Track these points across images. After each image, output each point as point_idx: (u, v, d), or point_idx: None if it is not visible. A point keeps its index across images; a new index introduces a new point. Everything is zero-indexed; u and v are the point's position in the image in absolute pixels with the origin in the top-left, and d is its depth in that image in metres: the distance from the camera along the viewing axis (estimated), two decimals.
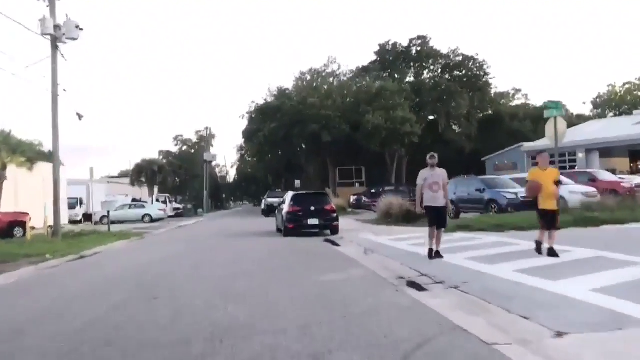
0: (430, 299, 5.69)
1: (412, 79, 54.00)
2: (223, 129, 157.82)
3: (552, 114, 14.99)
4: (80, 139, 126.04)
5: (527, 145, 45.30)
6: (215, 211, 62.26)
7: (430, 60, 55.06)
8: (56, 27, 18.93)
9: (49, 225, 20.07)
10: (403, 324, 4.53)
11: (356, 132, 41.92)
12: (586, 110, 63.61)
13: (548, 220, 8.42)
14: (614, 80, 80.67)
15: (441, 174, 9.54)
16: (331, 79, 51.24)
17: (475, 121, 54.44)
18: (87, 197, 38.12)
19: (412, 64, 55.41)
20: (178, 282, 7.42)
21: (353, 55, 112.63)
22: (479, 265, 7.79)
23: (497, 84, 55.68)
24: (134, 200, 43.51)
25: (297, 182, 49.36)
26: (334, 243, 13.62)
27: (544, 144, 44.20)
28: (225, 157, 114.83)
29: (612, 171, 29.73)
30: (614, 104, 62.10)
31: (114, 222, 34.21)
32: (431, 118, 53.19)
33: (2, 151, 21.35)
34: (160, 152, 72.04)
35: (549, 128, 15.28)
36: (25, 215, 20.52)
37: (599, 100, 63.69)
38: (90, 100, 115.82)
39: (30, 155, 27.89)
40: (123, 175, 66.74)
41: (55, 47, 19.36)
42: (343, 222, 17.38)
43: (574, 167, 36.05)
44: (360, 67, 53.67)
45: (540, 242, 8.58)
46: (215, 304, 5.73)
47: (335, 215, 16.44)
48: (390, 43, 55.18)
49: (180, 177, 71.00)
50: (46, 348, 4.26)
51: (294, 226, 16.28)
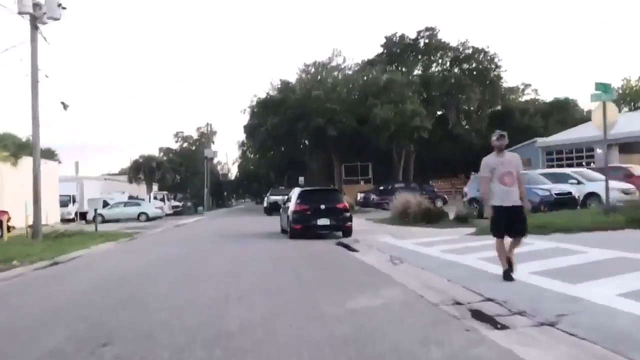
0: (525, 347, 3.71)
1: (420, 72, 51.94)
2: (224, 126, 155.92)
3: (601, 98, 12.95)
4: (82, 137, 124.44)
5: (542, 140, 43.37)
6: (217, 209, 60.32)
7: (439, 53, 53.01)
8: (35, 6, 17.11)
9: (29, 225, 18.17)
10: None
11: (363, 127, 39.87)
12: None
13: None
14: (629, 74, 78.11)
15: (513, 160, 6.73)
16: (336, 72, 49.26)
17: (486, 116, 52.42)
18: (80, 195, 36.33)
19: (420, 56, 53.43)
20: (148, 312, 5.40)
21: (358, 48, 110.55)
22: (560, 285, 5.79)
23: (506, 79, 53.38)
24: (130, 197, 41.66)
25: (301, 179, 47.36)
26: (349, 247, 11.65)
27: (560, 138, 42.64)
28: (227, 154, 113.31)
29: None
30: (629, 98, 59.85)
31: (109, 221, 32.54)
32: (439, 113, 51.20)
33: None
34: (160, 149, 70.31)
35: (597, 115, 13.24)
36: (3, 213, 18.59)
37: None
38: (91, 98, 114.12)
39: (14, 148, 26.06)
40: (123, 172, 65.04)
41: (35, 28, 17.45)
42: (354, 222, 15.34)
43: (590, 164, 34.16)
44: (366, 61, 51.64)
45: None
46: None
47: (348, 214, 14.46)
48: (397, 35, 53.16)
49: (181, 175, 69.42)
50: None
51: (301, 227, 14.32)
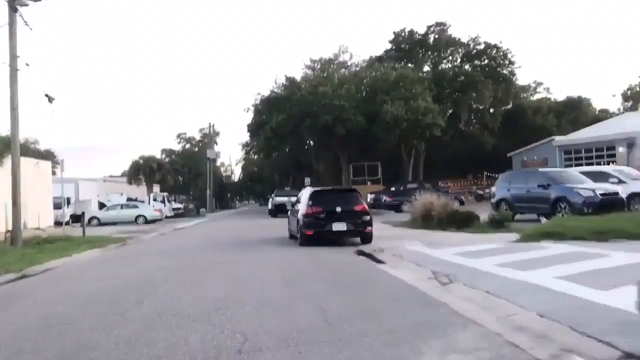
0: None
1: (429, 69, 49.89)
2: (228, 127, 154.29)
3: None
4: (87, 140, 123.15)
5: (560, 139, 41.41)
6: (220, 211, 58.34)
7: (450, 49, 50.99)
8: None
9: (7, 230, 16.35)
10: None
11: (372, 125, 37.82)
12: (611, 104, 59.31)
13: None
14: None
15: None
16: (343, 69, 47.31)
17: (499, 114, 50.33)
18: (75, 197, 34.50)
19: (430, 53, 51.45)
20: None
21: (365, 45, 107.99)
22: None
23: (518, 77, 51.24)
24: (129, 199, 39.85)
25: (307, 180, 45.35)
26: (373, 258, 9.68)
27: (579, 137, 40.53)
28: (230, 156, 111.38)
29: None
30: None
31: (105, 224, 30.76)
32: (449, 111, 49.14)
33: None
34: (162, 151, 68.63)
35: None
36: None
37: (630, 92, 59.25)
38: (95, 101, 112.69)
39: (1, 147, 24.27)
40: (125, 174, 63.49)
41: (13, 10, 15.60)
42: None
43: (610, 163, 32.21)
44: (374, 57, 49.61)
45: None
46: None
47: (368, 218, 12.46)
48: (406, 30, 51.23)
49: (184, 176, 67.77)
50: None
51: (313, 232, 12.35)
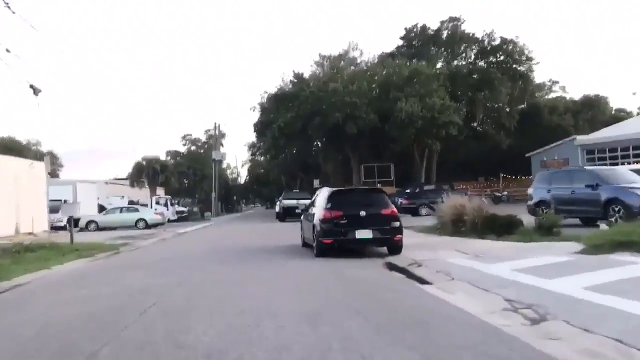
0: None
1: (442, 65, 47.87)
2: (234, 130, 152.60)
3: None
4: (94, 143, 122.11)
5: (582, 138, 39.43)
6: (225, 214, 56.56)
7: (464, 46, 48.97)
8: None
9: None
10: None
11: (385, 124, 35.83)
12: (629, 104, 57.04)
13: None
14: None
15: None
16: (352, 67, 45.40)
17: (516, 113, 48.18)
18: (73, 200, 32.80)
19: (443, 49, 49.45)
20: None
21: (375, 43, 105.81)
22: None
23: (535, 74, 49.17)
24: (130, 202, 38.17)
25: (317, 182, 43.48)
26: (412, 276, 7.75)
27: (603, 136, 38.39)
28: (237, 158, 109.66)
29: None
30: None
31: (104, 229, 29.07)
32: (464, 110, 47.03)
33: None
34: (168, 153, 67.04)
35: None
36: None
37: None
38: (102, 103, 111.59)
39: None
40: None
41: None
42: None
43: (636, 163, 30.22)
44: (385, 54, 47.64)
45: None
46: None
47: (398, 224, 10.44)
48: (419, 26, 49.28)
49: (189, 179, 66.19)
50: None
51: (333, 241, 10.41)
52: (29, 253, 13.72)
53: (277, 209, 32.97)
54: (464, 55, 49.96)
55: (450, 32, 48.70)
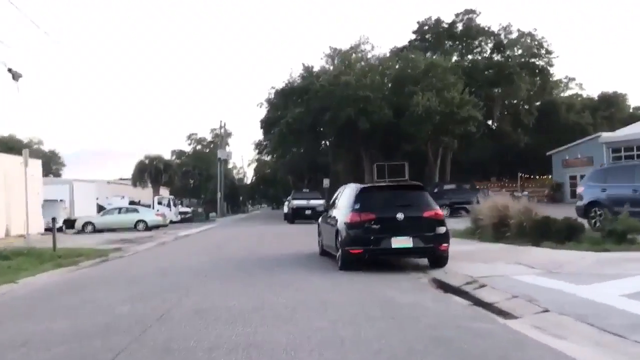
0: None
1: (457, 60, 45.72)
2: (240, 129, 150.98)
3: None
4: (101, 143, 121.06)
5: (607, 135, 37.31)
6: (231, 215, 54.63)
7: (480, 39, 46.83)
8: None
9: None
10: None
11: (400, 119, 33.72)
12: None
13: None
14: None
15: None
16: (363, 62, 43.39)
17: (534, 109, 45.98)
18: (70, 200, 31.02)
19: (458, 43, 47.35)
20: None
21: (387, 37, 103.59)
22: None
23: (554, 69, 47.01)
24: (131, 202, 36.32)
25: (326, 181, 41.49)
26: (476, 300, 5.74)
27: (631, 132, 36.17)
28: (243, 157, 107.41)
29: None
30: None
31: (101, 230, 27.31)
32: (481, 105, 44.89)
33: None
34: (172, 152, 65.31)
35: None
36: None
37: None
38: (108, 105, 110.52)
39: None
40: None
41: None
42: None
43: None
44: (397, 49, 45.50)
45: None
46: None
47: (443, 230, 8.34)
48: (432, 19, 47.18)
49: (194, 178, 64.52)
50: None
51: (363, 251, 8.34)
52: (1, 261, 11.82)
53: (285, 210, 31.04)
54: (479, 49, 47.95)
55: (464, 25, 46.73)
